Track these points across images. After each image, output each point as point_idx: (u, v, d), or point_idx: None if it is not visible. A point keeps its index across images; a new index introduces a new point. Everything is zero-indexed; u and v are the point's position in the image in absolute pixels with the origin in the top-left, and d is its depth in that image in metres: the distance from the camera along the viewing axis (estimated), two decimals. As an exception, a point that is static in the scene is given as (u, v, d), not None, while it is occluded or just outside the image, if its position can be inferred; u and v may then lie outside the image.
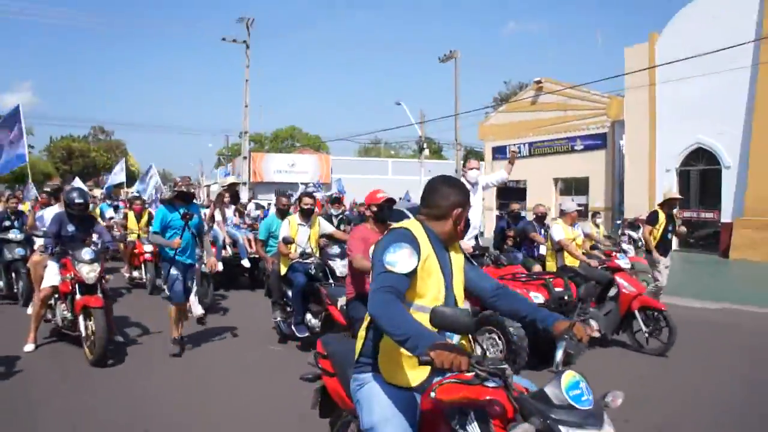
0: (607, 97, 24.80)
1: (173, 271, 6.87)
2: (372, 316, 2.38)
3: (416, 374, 2.59)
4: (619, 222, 20.37)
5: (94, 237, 7.43)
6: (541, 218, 11.03)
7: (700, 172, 20.38)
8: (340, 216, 12.81)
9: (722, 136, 19.02)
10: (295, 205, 9.10)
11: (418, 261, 2.50)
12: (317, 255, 7.43)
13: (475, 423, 2.28)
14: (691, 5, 20.12)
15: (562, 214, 8.40)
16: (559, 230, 8.11)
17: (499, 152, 30.34)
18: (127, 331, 7.86)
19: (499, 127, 30.16)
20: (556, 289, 6.84)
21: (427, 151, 36.69)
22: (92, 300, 6.49)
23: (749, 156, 18.20)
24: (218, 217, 10.97)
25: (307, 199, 7.53)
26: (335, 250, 7.53)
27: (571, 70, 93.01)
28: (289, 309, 7.51)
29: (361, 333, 2.74)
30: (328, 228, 7.79)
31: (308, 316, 7.23)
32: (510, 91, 52.42)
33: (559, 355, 2.46)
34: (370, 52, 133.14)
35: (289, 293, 7.37)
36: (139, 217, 12.46)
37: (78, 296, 6.63)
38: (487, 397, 2.24)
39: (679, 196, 9.95)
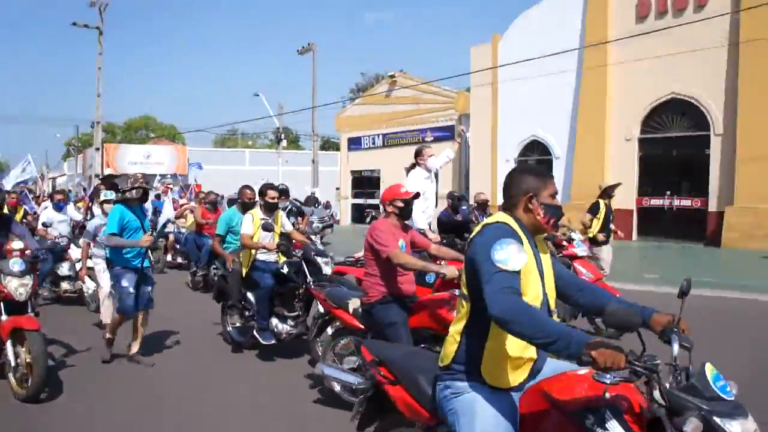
0: (455, 92, 26.83)
1: (125, 283, 6.19)
2: (501, 321, 2.26)
3: (517, 375, 2.55)
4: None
5: (16, 243, 6.05)
6: (482, 206, 10.79)
7: (536, 162, 22.84)
8: (289, 208, 11.00)
9: (553, 130, 21.55)
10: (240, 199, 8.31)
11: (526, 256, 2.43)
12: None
13: (614, 420, 2.22)
14: (529, 11, 22.59)
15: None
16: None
17: (354, 143, 31.72)
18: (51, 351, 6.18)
19: (355, 118, 31.50)
20: None
21: (284, 142, 37.30)
22: (24, 321, 5.34)
23: (575, 148, 20.76)
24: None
25: (271, 192, 6.85)
26: (319, 246, 7.18)
27: (424, 61, 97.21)
28: (248, 314, 6.85)
29: (453, 338, 2.63)
30: (288, 226, 7.27)
31: (274, 321, 6.59)
32: (367, 82, 54.00)
33: (676, 348, 2.35)
34: (228, 43, 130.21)
35: (249, 296, 6.72)
36: (13, 213, 10.72)
37: (4, 317, 5.47)
38: (615, 394, 2.22)
39: (617, 183, 10.17)
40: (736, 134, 17.48)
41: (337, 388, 5.09)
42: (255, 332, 6.59)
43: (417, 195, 5.13)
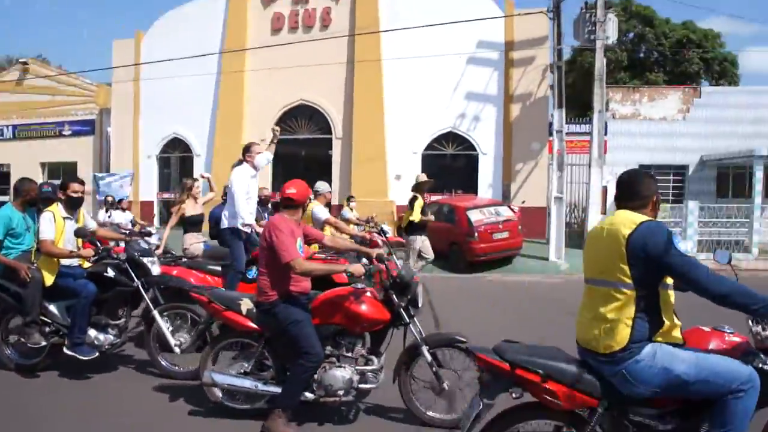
0: (96, 86, 25.78)
1: None
2: (723, 296, 2.81)
3: (677, 335, 3.02)
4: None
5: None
6: (264, 202, 10.45)
7: (178, 159, 23.17)
8: None
9: (194, 128, 22.18)
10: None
11: None
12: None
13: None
14: (173, 12, 22.91)
15: (317, 195, 8.47)
16: (323, 210, 8.25)
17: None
18: None
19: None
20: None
21: None
22: None
23: (214, 147, 21.68)
24: None
25: (75, 186, 6.03)
26: (143, 245, 6.27)
27: (66, 51, 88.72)
28: (48, 329, 5.97)
29: (624, 323, 2.93)
30: (92, 224, 6.47)
31: (93, 332, 5.92)
32: (-1, 67, 48.07)
33: None
34: None
35: (53, 308, 5.96)
36: None
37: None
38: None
39: (430, 180, 11.54)
40: (352, 138, 20.23)
41: (219, 395, 4.94)
42: (67, 349, 5.77)
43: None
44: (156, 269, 6.11)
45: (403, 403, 4.78)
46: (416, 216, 10.77)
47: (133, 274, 5.89)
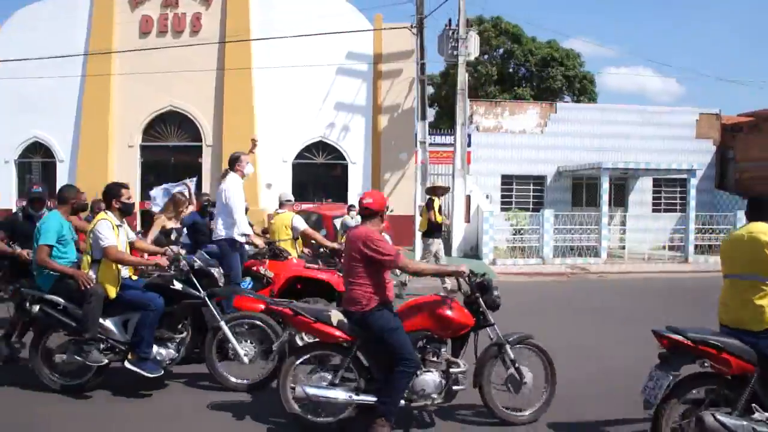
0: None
1: None
2: None
3: None
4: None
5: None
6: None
7: (40, 165, 22.07)
8: None
9: (56, 132, 21.19)
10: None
11: None
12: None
13: None
14: (32, 6, 21.64)
15: (286, 204, 8.97)
16: (301, 221, 8.63)
17: None
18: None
19: None
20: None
21: None
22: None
23: (78, 152, 20.85)
24: None
25: (127, 191, 5.90)
26: (204, 255, 6.07)
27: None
28: (104, 346, 5.68)
29: (760, 308, 4.12)
30: (132, 234, 6.25)
31: (154, 348, 5.70)
32: None
33: None
34: None
35: (109, 324, 5.67)
36: None
37: None
38: None
39: (446, 186, 12.62)
40: (222, 146, 20.11)
41: (297, 409, 4.86)
42: (132, 365, 5.57)
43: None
44: (222, 279, 6.05)
45: (484, 404, 5.08)
46: (438, 217, 11.98)
47: (198, 286, 5.80)
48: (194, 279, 5.80)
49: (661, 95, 62.38)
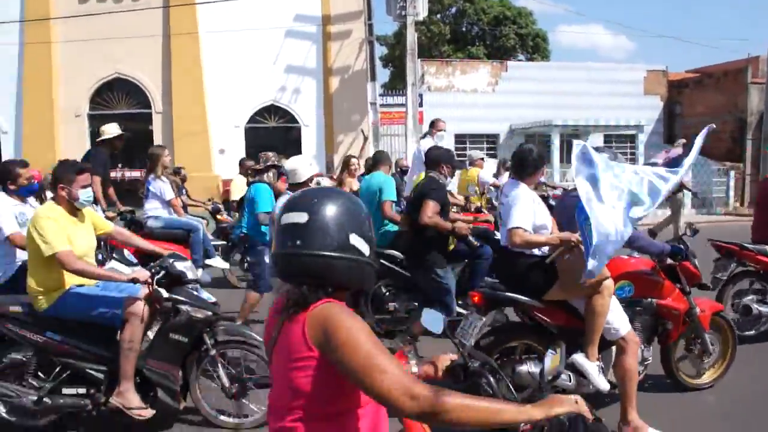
0: None
1: (268, 260, 6.24)
2: None
3: None
4: None
5: None
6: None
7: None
8: None
9: (-2, 104, 20.63)
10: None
11: None
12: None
13: None
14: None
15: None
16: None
17: None
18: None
19: None
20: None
21: None
22: None
23: (23, 124, 20.34)
24: None
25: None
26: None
27: None
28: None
29: None
30: None
31: None
32: None
33: None
34: None
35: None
36: None
37: None
38: None
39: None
40: (172, 113, 19.84)
41: None
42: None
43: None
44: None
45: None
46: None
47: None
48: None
49: (614, 51, 63.13)
